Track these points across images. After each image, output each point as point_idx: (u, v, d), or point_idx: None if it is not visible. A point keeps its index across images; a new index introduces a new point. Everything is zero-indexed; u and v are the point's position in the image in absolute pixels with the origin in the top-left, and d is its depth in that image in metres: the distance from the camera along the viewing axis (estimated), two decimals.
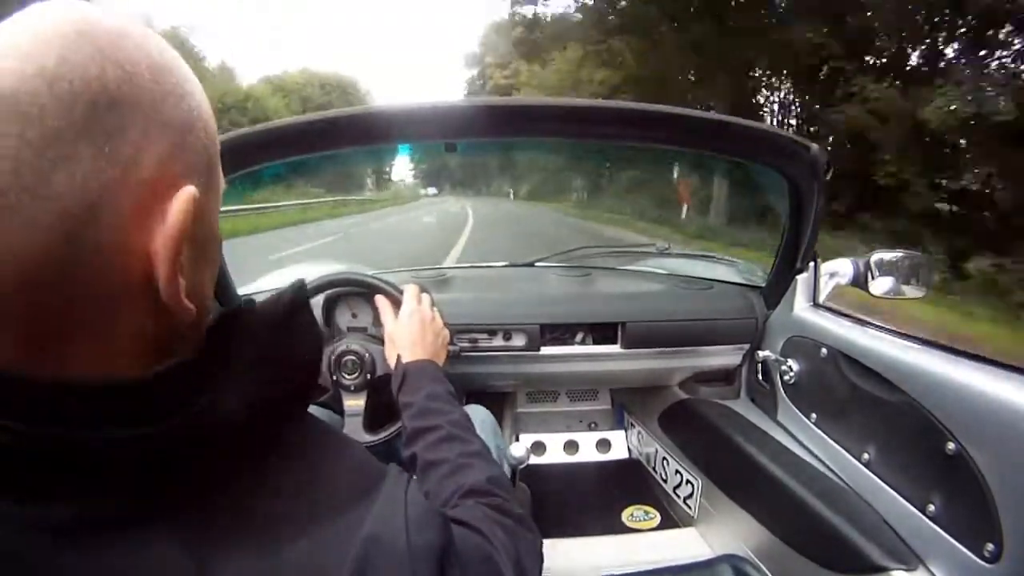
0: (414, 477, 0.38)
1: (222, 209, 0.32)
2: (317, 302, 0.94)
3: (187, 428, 0.26)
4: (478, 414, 1.01)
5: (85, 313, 0.24)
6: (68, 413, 0.23)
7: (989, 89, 6.31)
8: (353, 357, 0.89)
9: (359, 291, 0.94)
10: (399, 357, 0.75)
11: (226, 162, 0.32)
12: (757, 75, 11.27)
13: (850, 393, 0.83)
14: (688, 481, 1.19)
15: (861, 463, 0.79)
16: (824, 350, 0.89)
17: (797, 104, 11.33)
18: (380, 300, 0.87)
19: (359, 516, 0.30)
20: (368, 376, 0.90)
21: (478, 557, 0.38)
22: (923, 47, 8.40)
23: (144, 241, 0.25)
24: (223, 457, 0.28)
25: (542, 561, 0.47)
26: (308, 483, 0.31)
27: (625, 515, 1.26)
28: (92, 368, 0.25)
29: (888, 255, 0.92)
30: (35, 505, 0.23)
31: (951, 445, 0.63)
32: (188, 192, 0.26)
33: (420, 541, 0.30)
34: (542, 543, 0.48)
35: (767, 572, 0.88)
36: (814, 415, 0.92)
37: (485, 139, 1.04)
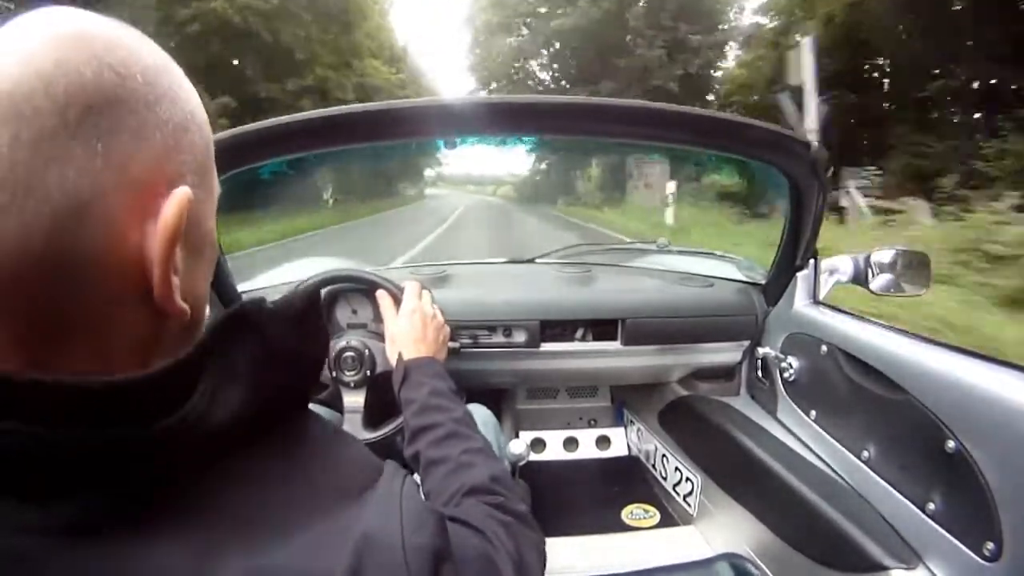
0: (413, 476, 0.38)
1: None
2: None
3: (184, 428, 0.25)
4: (479, 413, 1.01)
5: (80, 311, 0.25)
6: (65, 414, 0.23)
7: None
8: (353, 353, 0.89)
9: (359, 288, 0.94)
10: (400, 354, 0.75)
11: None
12: None
13: (850, 390, 0.82)
14: (687, 479, 1.19)
15: (861, 461, 0.79)
16: (824, 347, 0.89)
17: None
18: (381, 297, 0.87)
19: (355, 515, 0.30)
20: (368, 373, 0.90)
21: (476, 556, 0.38)
22: None
23: (138, 241, 0.25)
24: (221, 456, 0.27)
25: (545, 560, 0.46)
26: (304, 481, 0.31)
27: (624, 513, 1.26)
28: (89, 368, 0.25)
29: (888, 253, 0.92)
30: (34, 506, 0.23)
31: (951, 443, 0.63)
32: (182, 192, 0.26)
33: (415, 540, 0.30)
34: (545, 542, 0.48)
35: (766, 570, 0.88)
36: (814, 412, 0.92)
37: (490, 136, 1.04)
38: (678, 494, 1.22)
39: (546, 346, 1.12)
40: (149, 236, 0.25)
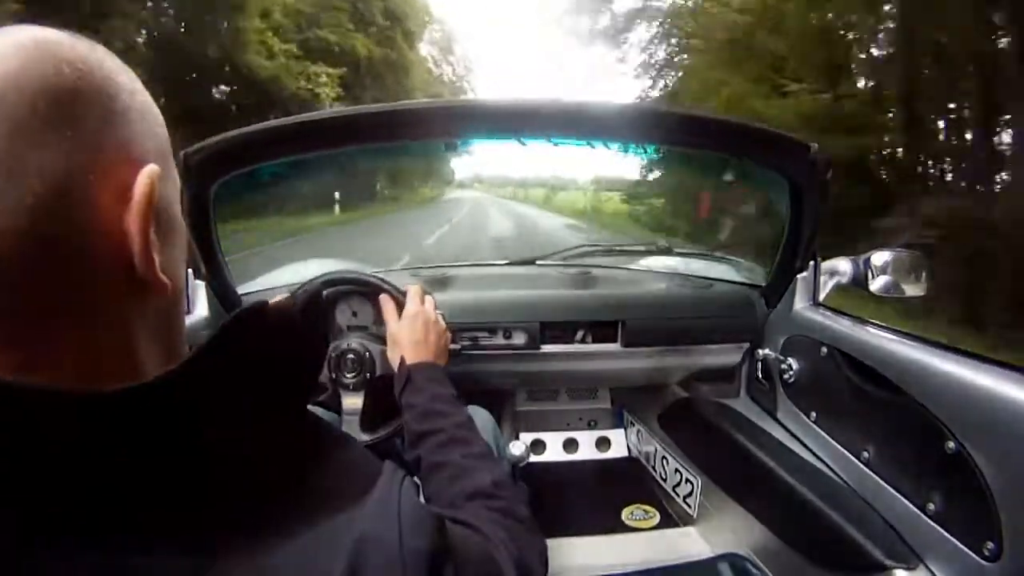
0: (412, 477, 0.38)
1: None
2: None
3: (185, 434, 0.26)
4: (478, 416, 1.01)
5: (67, 292, 0.26)
6: (64, 420, 0.23)
7: None
8: (353, 356, 0.89)
9: (360, 290, 0.94)
10: (402, 358, 0.75)
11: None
12: None
13: (850, 392, 0.83)
14: (688, 480, 1.19)
15: (861, 462, 0.79)
16: (824, 349, 0.89)
17: None
18: (384, 300, 0.87)
19: (353, 517, 0.30)
20: (368, 375, 0.89)
21: (477, 557, 0.38)
22: None
23: (116, 218, 0.27)
24: (219, 459, 0.27)
25: (547, 564, 0.47)
26: (302, 483, 0.31)
27: (624, 514, 1.26)
28: (80, 364, 0.26)
29: (887, 254, 0.92)
30: (31, 510, 0.23)
31: (951, 444, 0.63)
32: (150, 168, 0.28)
33: (413, 542, 0.30)
34: (547, 546, 0.48)
35: (766, 571, 0.88)
36: (814, 414, 0.92)
37: (489, 139, 1.04)
38: (678, 495, 1.22)
39: (546, 348, 1.12)
40: (126, 214, 0.27)
